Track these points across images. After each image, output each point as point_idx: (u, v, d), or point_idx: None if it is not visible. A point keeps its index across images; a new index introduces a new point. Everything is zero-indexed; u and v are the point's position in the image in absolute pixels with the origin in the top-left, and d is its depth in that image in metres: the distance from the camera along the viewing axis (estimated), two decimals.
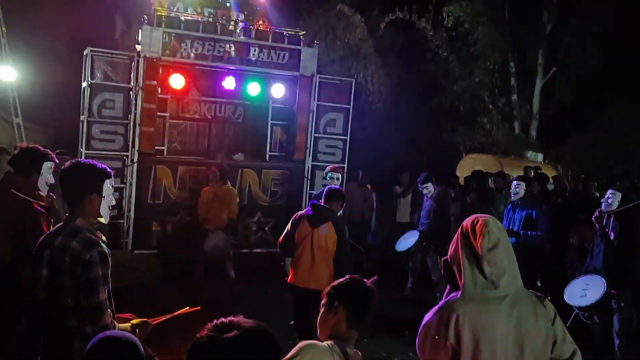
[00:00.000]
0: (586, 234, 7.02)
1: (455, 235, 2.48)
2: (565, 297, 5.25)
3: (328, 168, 7.11)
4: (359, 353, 2.42)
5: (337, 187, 5.36)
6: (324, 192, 5.14)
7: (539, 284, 7.43)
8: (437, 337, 2.39)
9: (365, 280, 2.48)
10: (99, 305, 2.64)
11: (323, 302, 2.43)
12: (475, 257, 2.34)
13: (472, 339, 2.32)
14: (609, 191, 5.53)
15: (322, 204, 5.03)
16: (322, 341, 2.34)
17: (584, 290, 5.17)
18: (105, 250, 2.72)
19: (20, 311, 3.65)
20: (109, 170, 2.91)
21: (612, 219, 5.43)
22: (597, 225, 5.55)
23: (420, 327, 2.49)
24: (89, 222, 2.80)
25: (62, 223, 2.82)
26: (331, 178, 6.59)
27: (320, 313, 2.42)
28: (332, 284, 2.46)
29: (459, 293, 2.40)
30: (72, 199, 2.79)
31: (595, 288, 5.11)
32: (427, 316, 2.47)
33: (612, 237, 5.39)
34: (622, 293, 5.29)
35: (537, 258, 6.86)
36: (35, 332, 3.49)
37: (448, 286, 2.55)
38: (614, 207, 5.42)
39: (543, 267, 7.78)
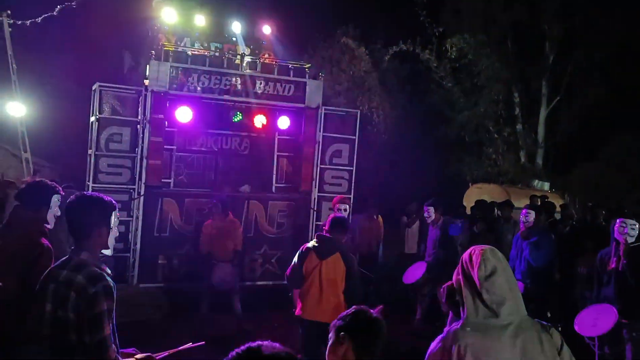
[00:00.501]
0: (594, 263, 6.94)
1: (457, 269, 2.49)
2: (576, 327, 5.14)
3: (335, 199, 7.13)
4: None
5: (341, 216, 5.33)
6: (328, 222, 5.12)
7: (548, 314, 7.31)
8: None
9: (371, 310, 2.48)
10: (103, 340, 2.61)
11: (331, 334, 2.41)
12: (474, 287, 2.35)
13: None
14: (631, 222, 5.35)
15: (326, 234, 5.00)
16: None
17: (595, 320, 5.07)
18: (111, 284, 2.70)
19: (28, 351, 3.60)
20: (114, 202, 2.92)
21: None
22: (612, 254, 5.38)
23: (425, 358, 2.46)
24: (94, 255, 2.79)
25: (66, 256, 2.80)
26: (339, 210, 6.61)
27: (329, 345, 2.41)
28: (339, 316, 2.45)
29: (460, 322, 2.40)
30: (80, 232, 2.78)
31: (606, 317, 5.01)
32: (431, 346, 2.45)
33: (623, 267, 5.28)
34: (634, 323, 5.14)
35: (547, 291, 6.78)
36: None
37: (451, 315, 2.57)
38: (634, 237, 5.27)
39: (552, 298, 7.68)
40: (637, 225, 5.23)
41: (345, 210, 6.68)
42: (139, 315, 7.05)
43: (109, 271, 2.82)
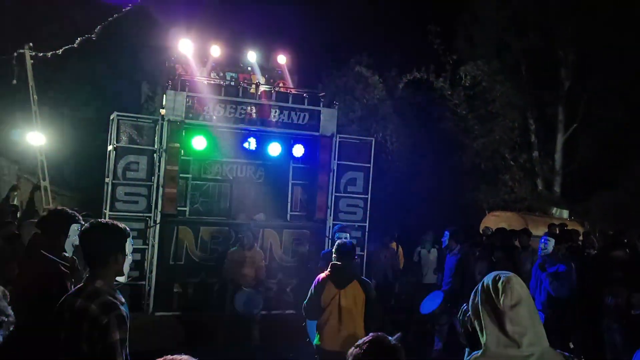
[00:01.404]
0: (622, 294, 6.76)
1: (474, 292, 2.41)
2: None
3: (335, 228, 7.11)
4: None
5: (347, 241, 5.26)
6: (335, 249, 5.05)
7: (571, 345, 7.13)
8: None
9: (389, 337, 2.37)
10: None
11: None
12: (497, 315, 2.26)
13: None
14: None
15: (336, 262, 4.93)
16: None
17: None
18: (124, 313, 2.68)
19: None
20: (128, 229, 2.93)
21: None
22: None
23: None
24: (109, 283, 2.78)
25: (81, 284, 2.80)
26: (339, 238, 6.59)
27: None
28: (357, 343, 2.35)
29: (480, 352, 2.32)
30: (95, 259, 2.78)
31: None
32: None
33: None
34: None
35: (569, 322, 6.62)
36: None
37: (467, 348, 2.47)
38: None
39: (575, 328, 7.50)
40: None
41: (346, 238, 6.64)
42: (154, 344, 6.96)
43: (123, 299, 2.80)
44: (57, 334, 2.71)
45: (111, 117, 8.28)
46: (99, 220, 2.92)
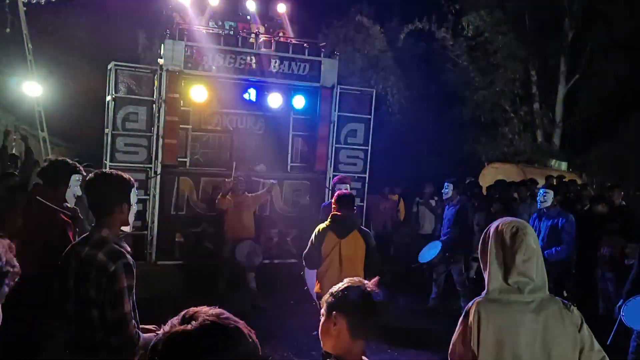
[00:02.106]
0: (617, 244, 6.87)
1: (487, 234, 2.45)
2: (625, 320, 4.89)
3: (335, 179, 7.13)
4: None
5: (346, 192, 5.30)
6: (335, 199, 5.09)
7: (565, 294, 7.30)
8: (463, 340, 2.43)
9: (366, 282, 2.23)
10: (124, 316, 2.66)
11: (322, 309, 2.20)
12: (506, 264, 2.35)
13: (495, 341, 2.35)
14: None
15: (337, 212, 4.99)
16: (326, 354, 2.15)
17: None
18: (131, 262, 2.73)
19: (51, 328, 3.66)
20: (132, 180, 2.94)
21: None
22: None
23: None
24: (114, 232, 2.81)
25: (87, 233, 2.83)
26: (339, 189, 6.64)
27: (321, 323, 2.20)
28: (330, 290, 2.21)
29: (483, 295, 2.43)
30: (101, 209, 2.81)
31: None
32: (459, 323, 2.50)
33: None
34: None
35: (564, 271, 6.74)
36: (65, 347, 3.53)
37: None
38: None
39: (570, 278, 7.66)
40: None
41: (346, 189, 6.68)
42: (156, 291, 7.12)
43: (129, 248, 2.85)
44: (65, 282, 2.77)
45: (109, 67, 8.19)
46: (104, 170, 2.94)
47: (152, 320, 3.14)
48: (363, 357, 2.16)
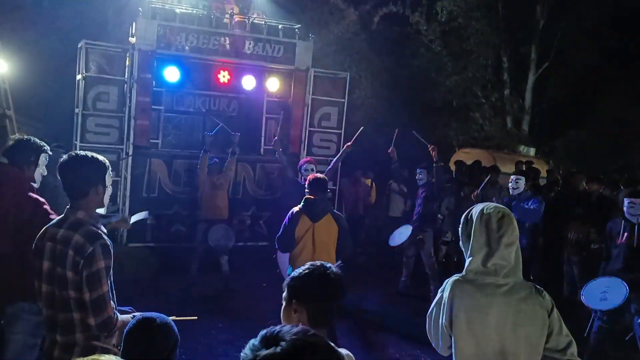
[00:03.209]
0: (583, 229, 7.09)
1: (469, 216, 2.52)
2: (583, 299, 5.10)
3: (301, 162, 7.13)
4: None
5: (319, 175, 5.33)
6: (308, 183, 5.11)
7: (531, 277, 7.51)
8: (437, 317, 2.52)
9: (328, 265, 2.15)
10: (102, 297, 2.67)
11: (284, 294, 2.14)
12: (490, 246, 2.43)
13: (466, 319, 2.44)
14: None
15: (310, 196, 5.02)
16: None
17: (604, 293, 4.99)
18: (108, 243, 2.73)
19: (21, 308, 3.63)
20: (107, 162, 2.92)
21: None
22: (621, 229, 5.31)
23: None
24: (90, 214, 2.80)
25: (62, 215, 2.81)
26: (306, 170, 6.68)
27: (282, 309, 2.15)
28: (291, 275, 2.15)
29: (461, 275, 2.51)
30: (77, 191, 2.79)
31: (616, 292, 4.92)
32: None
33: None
34: None
35: (530, 256, 6.93)
36: (37, 328, 3.51)
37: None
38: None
39: (535, 261, 7.87)
40: None
41: (312, 170, 6.69)
42: (129, 274, 7.11)
43: (105, 230, 2.85)
44: (40, 263, 2.75)
45: (79, 45, 8.02)
46: (79, 152, 2.91)
47: (124, 302, 3.15)
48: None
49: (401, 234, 7.84)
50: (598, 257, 5.95)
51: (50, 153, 4.15)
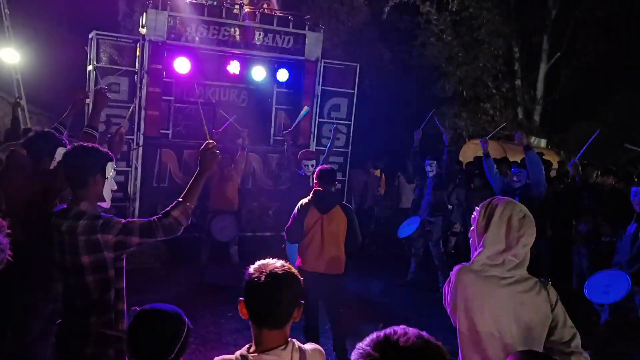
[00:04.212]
0: (593, 221, 7.05)
1: (489, 209, 2.52)
2: (586, 293, 5.08)
3: (300, 154, 7.14)
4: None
5: (327, 167, 5.36)
6: (317, 175, 5.12)
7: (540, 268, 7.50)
8: (447, 300, 2.58)
9: (278, 263, 2.02)
10: (145, 223, 2.79)
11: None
12: (508, 243, 2.44)
13: (464, 308, 2.48)
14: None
15: (318, 187, 5.04)
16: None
17: (607, 287, 4.97)
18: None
19: (36, 296, 3.69)
20: (110, 153, 2.96)
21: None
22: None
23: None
24: (92, 206, 2.83)
25: (65, 207, 2.85)
26: (305, 166, 6.74)
27: None
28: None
29: (470, 263, 2.54)
30: (77, 180, 2.82)
31: (619, 285, 4.89)
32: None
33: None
34: None
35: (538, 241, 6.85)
36: (51, 317, 3.57)
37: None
38: None
39: (544, 253, 7.85)
40: None
41: (312, 166, 6.74)
42: (140, 263, 7.18)
43: None
44: (50, 253, 2.81)
45: (90, 36, 8.04)
46: (82, 143, 2.95)
47: (136, 292, 3.20)
48: (280, 351, 1.93)
49: (410, 226, 7.85)
50: (609, 249, 5.93)
51: (69, 147, 4.19)
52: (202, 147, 2.96)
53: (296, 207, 5.07)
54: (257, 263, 2.03)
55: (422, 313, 6.79)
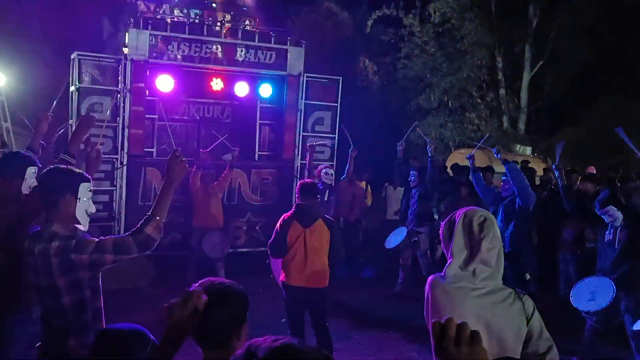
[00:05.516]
0: (577, 227, 7.09)
1: (452, 220, 2.52)
2: (572, 301, 5.05)
3: (320, 167, 7.33)
4: None
5: (309, 180, 5.36)
6: (298, 189, 5.13)
7: (527, 276, 7.50)
8: (425, 313, 2.56)
9: (225, 281, 2.02)
10: (117, 241, 2.78)
11: None
12: (471, 250, 2.42)
13: (437, 319, 2.42)
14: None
15: (301, 202, 5.04)
16: None
17: (593, 294, 4.96)
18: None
19: (17, 317, 3.65)
20: (86, 174, 2.94)
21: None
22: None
23: None
24: (65, 227, 2.79)
25: (39, 229, 2.81)
26: (326, 174, 6.85)
27: None
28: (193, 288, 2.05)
29: (440, 275, 2.52)
30: (48, 201, 2.80)
31: (604, 292, 4.89)
32: None
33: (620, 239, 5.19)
34: (631, 293, 5.02)
35: (524, 249, 6.87)
36: (32, 340, 3.54)
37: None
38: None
39: (531, 260, 7.86)
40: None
41: (332, 175, 6.96)
42: (126, 282, 7.13)
43: None
44: (27, 276, 2.80)
45: (72, 57, 8.06)
46: (57, 165, 2.94)
47: (122, 311, 3.18)
48: None
49: (397, 236, 7.86)
50: (594, 255, 5.96)
51: (40, 165, 4.16)
52: (169, 156, 2.92)
53: (278, 222, 5.06)
54: (202, 280, 2.02)
55: (411, 324, 6.77)
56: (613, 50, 15.36)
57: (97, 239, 2.76)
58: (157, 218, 2.87)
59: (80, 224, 2.88)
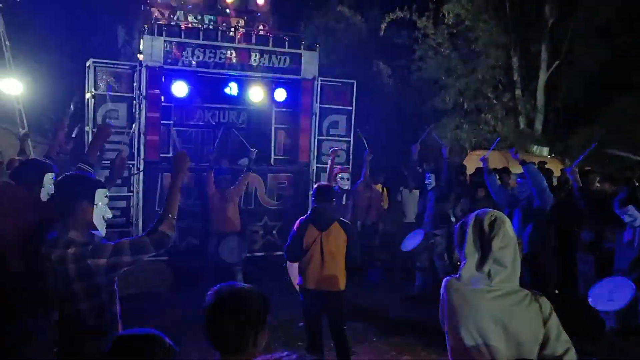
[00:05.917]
0: (596, 228, 7.00)
1: (465, 222, 2.51)
2: (590, 301, 4.98)
3: (335, 170, 7.33)
4: None
5: (324, 184, 5.35)
6: (314, 192, 5.12)
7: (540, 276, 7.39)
8: (441, 316, 2.57)
9: (245, 285, 2.01)
10: (135, 242, 2.80)
11: None
12: (483, 250, 2.40)
13: (451, 322, 2.46)
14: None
15: (317, 205, 5.03)
16: None
17: (611, 294, 4.89)
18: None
19: (37, 322, 3.68)
20: (102, 181, 2.97)
21: None
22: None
23: None
24: (82, 233, 2.81)
25: (55, 235, 2.82)
26: (341, 178, 6.83)
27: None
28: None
29: (456, 276, 2.50)
30: (63, 208, 2.81)
31: (623, 291, 4.82)
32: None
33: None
34: None
35: (543, 251, 6.77)
36: (46, 346, 3.57)
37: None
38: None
39: (550, 262, 7.77)
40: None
41: (348, 179, 6.92)
42: (144, 287, 7.18)
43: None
44: (46, 283, 2.81)
45: (87, 64, 8.14)
46: (72, 172, 2.96)
47: (141, 316, 3.19)
48: None
49: (413, 239, 7.81)
50: (613, 255, 5.88)
51: (57, 171, 4.19)
52: (174, 155, 2.98)
53: (294, 226, 5.05)
54: (222, 284, 2.02)
55: (429, 327, 6.72)
56: (629, 49, 15.16)
57: (112, 242, 2.77)
58: (170, 216, 2.90)
59: (97, 229, 2.89)
